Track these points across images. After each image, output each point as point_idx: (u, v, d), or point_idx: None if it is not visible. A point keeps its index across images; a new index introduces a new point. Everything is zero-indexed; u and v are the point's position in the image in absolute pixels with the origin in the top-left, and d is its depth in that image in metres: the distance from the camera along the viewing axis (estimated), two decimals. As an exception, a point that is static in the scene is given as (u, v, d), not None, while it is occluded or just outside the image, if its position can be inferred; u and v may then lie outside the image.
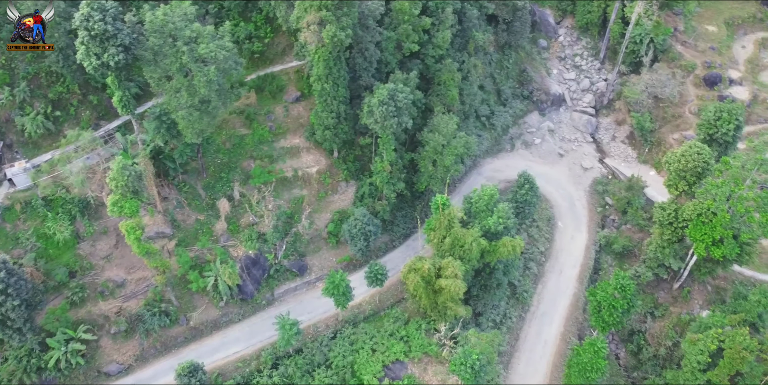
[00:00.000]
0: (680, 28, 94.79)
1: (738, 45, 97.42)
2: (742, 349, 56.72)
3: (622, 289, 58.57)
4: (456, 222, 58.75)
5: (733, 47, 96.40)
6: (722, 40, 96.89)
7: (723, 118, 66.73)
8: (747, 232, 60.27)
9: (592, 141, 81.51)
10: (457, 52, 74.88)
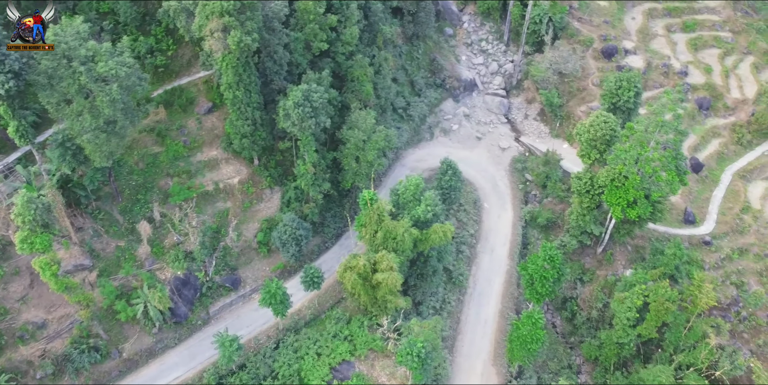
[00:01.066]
0: (575, 6, 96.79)
1: (628, 17, 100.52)
2: (665, 301, 58.87)
3: (550, 260, 59.46)
4: (385, 215, 57.88)
5: (624, 19, 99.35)
6: (614, 13, 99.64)
7: (623, 87, 68.34)
8: (657, 191, 62.20)
9: (506, 121, 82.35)
10: (366, 47, 73.58)
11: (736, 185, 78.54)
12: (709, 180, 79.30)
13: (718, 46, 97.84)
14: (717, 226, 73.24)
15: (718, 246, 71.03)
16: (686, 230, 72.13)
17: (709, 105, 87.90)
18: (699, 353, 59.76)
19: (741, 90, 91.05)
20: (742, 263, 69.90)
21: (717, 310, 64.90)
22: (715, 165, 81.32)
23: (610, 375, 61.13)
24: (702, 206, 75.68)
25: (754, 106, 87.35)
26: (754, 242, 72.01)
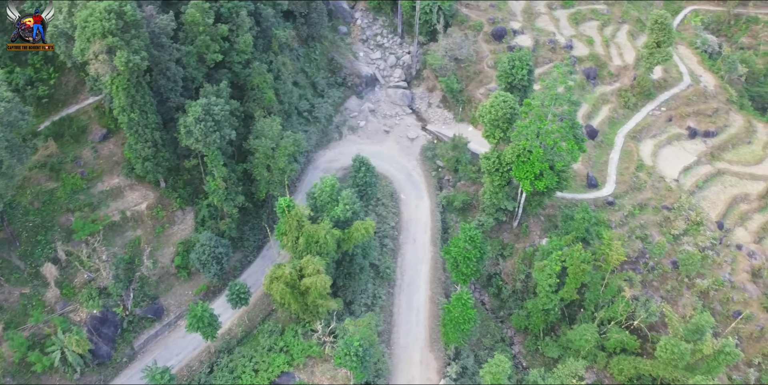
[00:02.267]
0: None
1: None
2: (581, 263, 60.62)
3: (471, 240, 59.80)
4: (305, 220, 56.21)
5: (509, 2, 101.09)
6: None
7: (516, 66, 69.24)
8: (559, 161, 63.66)
9: (411, 112, 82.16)
10: (262, 53, 71.03)
11: (628, 146, 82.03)
12: (604, 144, 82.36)
13: (596, 18, 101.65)
14: (617, 186, 76.24)
15: (621, 205, 73.99)
16: (591, 194, 74.64)
17: (596, 74, 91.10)
18: (617, 306, 62.10)
19: (621, 57, 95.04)
20: (643, 217, 73.20)
21: (627, 264, 67.69)
22: (608, 130, 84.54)
23: (540, 342, 62.58)
24: (602, 170, 78.53)
25: (634, 71, 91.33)
26: (651, 197, 75.59)
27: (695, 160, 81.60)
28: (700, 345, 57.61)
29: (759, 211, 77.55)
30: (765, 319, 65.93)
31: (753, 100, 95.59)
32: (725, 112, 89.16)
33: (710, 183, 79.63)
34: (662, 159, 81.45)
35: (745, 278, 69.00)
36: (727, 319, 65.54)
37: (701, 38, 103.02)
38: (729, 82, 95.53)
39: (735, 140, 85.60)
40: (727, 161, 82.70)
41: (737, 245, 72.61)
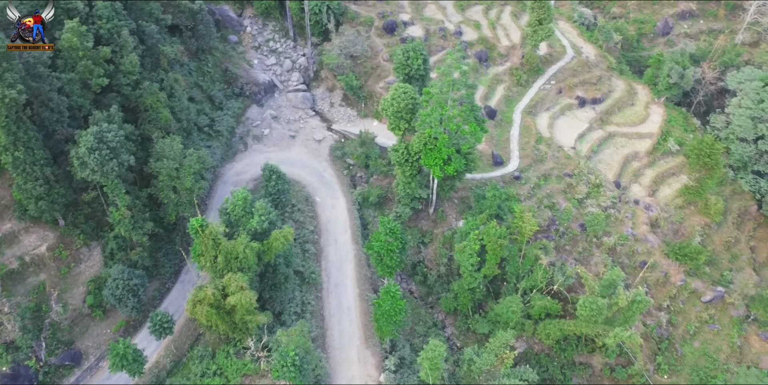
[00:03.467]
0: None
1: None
2: (498, 238, 61.96)
3: (391, 232, 59.70)
4: (221, 237, 54.06)
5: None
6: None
7: (411, 57, 69.33)
8: (465, 144, 64.53)
9: (315, 114, 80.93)
10: (151, 72, 67.51)
11: (526, 121, 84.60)
12: (504, 123, 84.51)
13: (481, 2, 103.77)
14: (521, 161, 78.51)
15: (527, 178, 76.29)
16: (498, 172, 76.45)
17: (487, 56, 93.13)
18: (536, 275, 64.16)
19: (508, 37, 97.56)
20: (548, 187, 75.83)
21: (540, 233, 69.98)
22: (505, 108, 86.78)
23: (471, 320, 63.75)
24: (505, 147, 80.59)
25: (522, 50, 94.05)
26: (553, 166, 78.41)
27: (588, 127, 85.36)
28: (615, 299, 60.53)
29: (649, 166, 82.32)
30: (667, 265, 70.25)
31: (630, 65, 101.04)
32: (608, 78, 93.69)
33: (603, 146, 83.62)
34: (558, 130, 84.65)
35: (646, 230, 73.15)
36: (635, 270, 69.30)
37: (577, 12, 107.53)
38: (607, 51, 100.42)
39: (620, 104, 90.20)
40: (616, 124, 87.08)
41: (635, 201, 76.77)
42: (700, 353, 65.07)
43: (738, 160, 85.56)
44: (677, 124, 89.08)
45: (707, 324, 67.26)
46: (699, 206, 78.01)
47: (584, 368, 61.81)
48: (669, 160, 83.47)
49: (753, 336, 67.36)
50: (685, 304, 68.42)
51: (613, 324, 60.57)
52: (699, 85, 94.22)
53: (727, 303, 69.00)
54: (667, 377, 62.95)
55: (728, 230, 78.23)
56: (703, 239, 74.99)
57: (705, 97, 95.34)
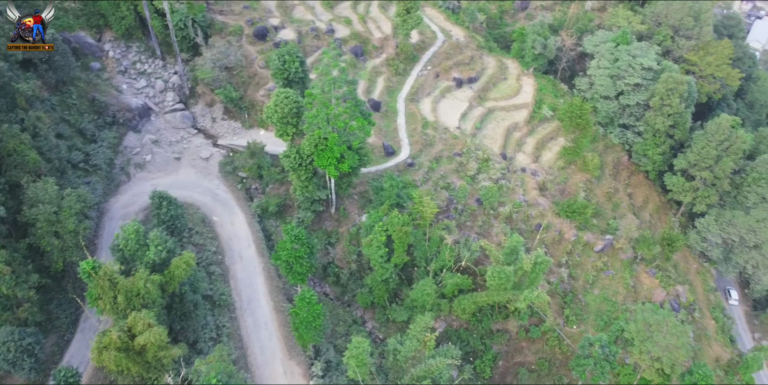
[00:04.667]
0: (211, 1, 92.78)
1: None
2: (402, 226, 62.31)
3: (297, 239, 58.33)
4: (117, 276, 50.33)
5: (261, 1, 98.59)
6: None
7: (287, 61, 67.61)
8: (355, 139, 64.03)
9: (197, 132, 77.42)
10: (9, 113, 61.55)
11: (410, 109, 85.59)
12: (389, 113, 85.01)
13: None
14: (412, 147, 79.40)
15: (420, 163, 77.32)
16: (392, 162, 76.88)
17: (362, 51, 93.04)
18: (444, 255, 65.31)
19: (380, 30, 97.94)
20: (441, 169, 77.29)
21: (441, 214, 71.25)
22: (388, 99, 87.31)
23: (389, 310, 63.96)
24: (394, 137, 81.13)
25: (395, 40, 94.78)
26: (443, 148, 79.98)
27: (468, 106, 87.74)
28: (519, 264, 62.86)
29: (529, 134, 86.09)
30: (560, 223, 73.97)
31: (497, 42, 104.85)
32: (479, 57, 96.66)
33: (485, 122, 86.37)
34: (441, 112, 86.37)
35: (536, 195, 76.54)
36: (532, 233, 72.42)
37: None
38: (474, 31, 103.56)
39: (494, 80, 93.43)
40: (493, 99, 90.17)
41: (522, 169, 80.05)
42: (600, 299, 69.26)
43: (605, 116, 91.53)
44: (548, 91, 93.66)
45: (603, 271, 71.65)
46: (578, 164, 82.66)
47: (502, 335, 63.94)
48: (546, 126, 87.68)
49: (642, 274, 72.59)
50: (581, 256, 72.45)
51: (521, 288, 62.97)
52: (561, 53, 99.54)
53: (617, 249, 73.82)
54: (576, 327, 66.50)
55: (607, 182, 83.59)
56: (586, 194, 79.62)
57: (568, 63, 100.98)
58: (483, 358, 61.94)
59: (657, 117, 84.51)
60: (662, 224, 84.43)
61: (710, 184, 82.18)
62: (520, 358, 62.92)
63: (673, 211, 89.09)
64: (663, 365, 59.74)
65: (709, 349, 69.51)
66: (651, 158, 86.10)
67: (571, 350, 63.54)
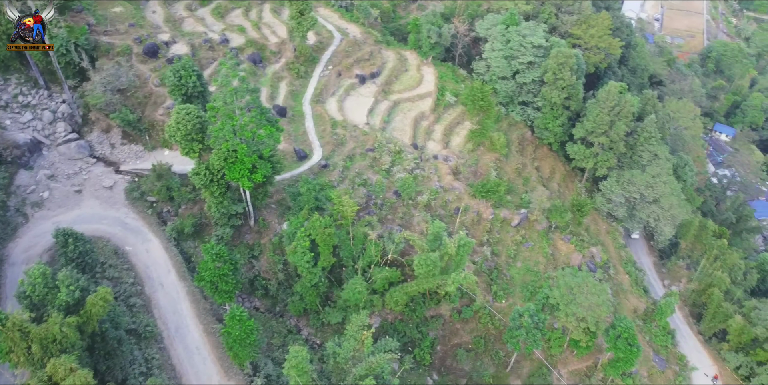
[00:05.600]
0: (92, 22, 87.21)
1: (149, 12, 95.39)
2: (324, 229, 61.29)
3: (218, 257, 56.08)
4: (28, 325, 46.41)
5: (146, 16, 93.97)
6: (134, 14, 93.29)
7: (183, 76, 64.72)
8: (265, 148, 62.35)
9: (96, 161, 72.74)
10: None
11: (317, 111, 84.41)
12: (296, 117, 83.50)
13: (238, 6, 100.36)
14: (324, 149, 78.38)
15: (334, 164, 76.46)
16: (305, 166, 75.55)
17: (260, 57, 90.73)
18: (370, 251, 65.00)
19: (276, 34, 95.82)
20: (356, 166, 76.83)
21: (362, 211, 70.88)
22: (293, 103, 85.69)
23: (322, 314, 63.09)
24: (305, 140, 79.78)
25: (292, 43, 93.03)
26: (355, 146, 79.50)
27: (374, 101, 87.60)
28: (444, 248, 63.55)
29: (436, 122, 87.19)
30: (476, 204, 75.56)
31: (394, 35, 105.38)
32: (378, 52, 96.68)
33: (393, 115, 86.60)
34: (348, 110, 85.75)
35: (450, 180, 77.69)
36: (452, 217, 73.56)
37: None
38: (370, 27, 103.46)
39: (395, 73, 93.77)
40: (397, 92, 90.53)
41: (434, 156, 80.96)
42: (524, 270, 71.53)
43: (505, 96, 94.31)
44: (448, 78, 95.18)
45: (522, 244, 73.96)
46: (486, 145, 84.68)
47: (436, 320, 64.69)
48: (451, 112, 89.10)
49: (558, 241, 75.59)
50: (500, 233, 74.41)
51: (448, 272, 63.78)
52: (456, 40, 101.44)
53: (532, 221, 76.38)
54: (504, 301, 68.35)
55: (515, 158, 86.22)
56: (498, 173, 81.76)
57: (464, 49, 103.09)
58: (421, 346, 62.40)
59: (552, 91, 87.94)
60: (570, 192, 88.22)
61: (608, 148, 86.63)
62: (457, 340, 63.93)
63: (578, 178, 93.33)
64: (588, 323, 62.59)
65: (626, 302, 73.56)
66: (552, 131, 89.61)
67: (503, 324, 65.24)
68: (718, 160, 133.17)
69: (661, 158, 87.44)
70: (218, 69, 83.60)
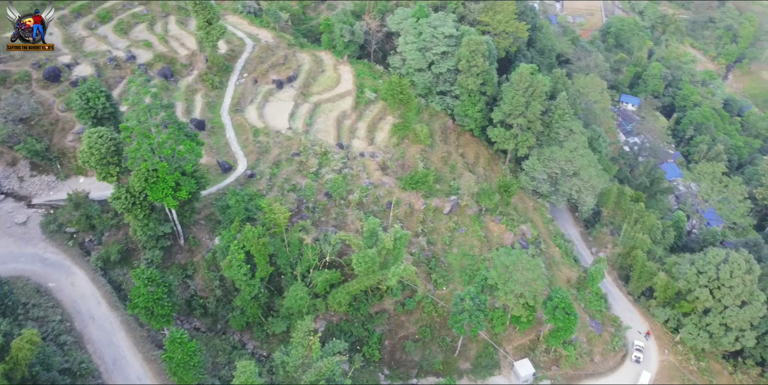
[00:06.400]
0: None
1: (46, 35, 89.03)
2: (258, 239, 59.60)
3: (151, 281, 53.54)
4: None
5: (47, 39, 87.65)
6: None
7: (91, 98, 61.04)
8: (187, 164, 60.02)
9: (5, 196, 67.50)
10: None
11: (237, 120, 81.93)
12: (216, 129, 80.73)
13: (141, 21, 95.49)
14: (248, 158, 76.23)
15: (260, 172, 74.53)
16: (231, 177, 73.29)
17: (171, 72, 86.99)
18: (306, 255, 63.82)
19: (185, 47, 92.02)
20: (283, 172, 75.20)
21: (295, 216, 69.54)
22: (211, 115, 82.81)
23: (266, 325, 61.58)
24: (227, 152, 77.30)
25: (203, 54, 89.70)
26: (279, 152, 77.76)
27: (294, 105, 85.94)
28: (381, 244, 63.23)
29: (359, 120, 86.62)
30: (407, 196, 75.72)
31: (306, 37, 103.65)
32: (293, 55, 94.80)
33: (315, 117, 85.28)
34: (269, 117, 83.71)
35: (379, 175, 77.45)
36: (386, 212, 73.43)
37: (241, 2, 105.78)
38: (282, 30, 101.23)
39: (312, 74, 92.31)
40: (317, 93, 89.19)
41: (360, 154, 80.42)
42: (460, 256, 72.50)
43: (423, 88, 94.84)
44: (366, 75, 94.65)
45: (456, 230, 74.90)
46: (411, 137, 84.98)
47: (381, 315, 64.53)
48: (372, 108, 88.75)
49: (490, 224, 77.09)
50: (434, 222, 75.04)
51: (387, 266, 63.64)
52: (369, 36, 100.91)
53: (463, 206, 77.48)
54: (445, 288, 69.07)
55: (440, 147, 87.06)
56: (425, 163, 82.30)
57: (378, 45, 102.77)
58: (369, 343, 62.08)
59: (468, 78, 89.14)
60: (496, 174, 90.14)
61: (526, 128, 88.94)
62: (403, 332, 64.08)
63: (501, 160, 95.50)
64: (527, 298, 64.24)
65: (559, 273, 76.13)
66: (471, 117, 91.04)
67: (446, 311, 65.90)
68: (627, 129, 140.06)
69: (576, 133, 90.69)
70: (128, 87, 79.58)
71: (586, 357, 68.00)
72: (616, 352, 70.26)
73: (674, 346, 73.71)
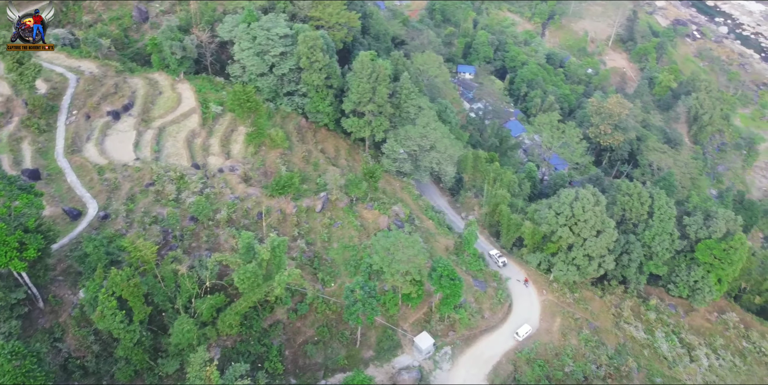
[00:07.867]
0: None
1: None
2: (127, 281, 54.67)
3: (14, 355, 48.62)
4: None
5: None
6: None
7: None
8: (28, 220, 54.14)
9: None
10: None
11: (76, 161, 74.11)
12: (54, 175, 72.43)
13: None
14: (98, 199, 69.33)
15: (115, 211, 68.17)
16: (83, 223, 66.36)
17: (-16, 122, 75.98)
18: (185, 286, 59.56)
19: None
20: (140, 206, 69.37)
21: (163, 249, 64.58)
22: (45, 161, 74.09)
23: (157, 369, 57.00)
24: (73, 197, 69.73)
25: (21, 98, 79.49)
26: (131, 186, 71.68)
27: (136, 133, 79.25)
28: (259, 256, 60.58)
29: (210, 136, 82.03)
30: (276, 203, 73.29)
31: (135, 60, 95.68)
32: (123, 82, 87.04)
33: (162, 142, 79.30)
34: (112, 151, 76.46)
35: (243, 188, 74.19)
36: (258, 223, 70.71)
37: (52, 35, 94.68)
38: (106, 58, 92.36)
39: (150, 98, 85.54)
40: (159, 117, 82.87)
41: (219, 170, 76.35)
42: (341, 249, 72.11)
43: (269, 91, 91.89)
44: (207, 89, 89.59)
45: (332, 226, 74.24)
46: (267, 143, 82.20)
47: (275, 327, 62.49)
48: (221, 121, 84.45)
49: (363, 212, 77.39)
50: (309, 222, 73.73)
51: (272, 276, 61.37)
52: (202, 49, 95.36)
53: (334, 201, 76.88)
54: (334, 284, 68.48)
55: (299, 147, 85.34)
56: (287, 167, 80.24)
57: (213, 56, 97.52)
58: (269, 357, 59.92)
59: (312, 74, 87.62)
60: (359, 163, 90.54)
61: (377, 113, 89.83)
62: (302, 337, 62.69)
63: (361, 149, 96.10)
64: (413, 275, 65.36)
65: (437, 243, 78.73)
66: (323, 112, 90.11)
67: (339, 306, 65.42)
68: (469, 96, 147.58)
69: (425, 109, 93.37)
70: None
71: (477, 315, 71.32)
72: (502, 303, 74.48)
73: (550, 285, 79.73)
